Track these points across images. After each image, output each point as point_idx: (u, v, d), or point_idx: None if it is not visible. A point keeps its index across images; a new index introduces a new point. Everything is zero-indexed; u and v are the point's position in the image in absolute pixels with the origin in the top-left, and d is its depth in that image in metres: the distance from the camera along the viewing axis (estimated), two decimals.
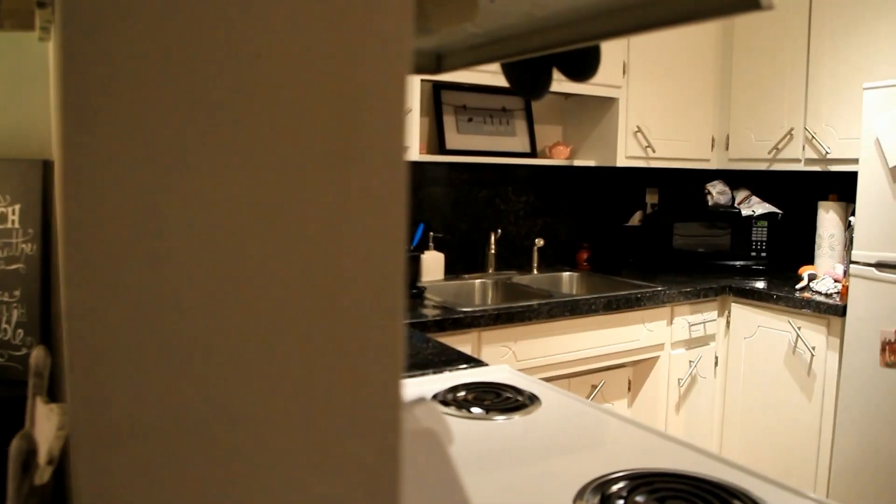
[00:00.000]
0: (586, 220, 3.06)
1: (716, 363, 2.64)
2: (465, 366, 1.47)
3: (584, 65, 1.01)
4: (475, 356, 2.04)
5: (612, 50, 2.59)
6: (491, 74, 2.33)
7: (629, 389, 2.53)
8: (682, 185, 3.30)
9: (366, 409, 0.29)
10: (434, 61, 1.31)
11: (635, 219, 3.08)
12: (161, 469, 0.27)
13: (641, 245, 3.04)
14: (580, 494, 0.89)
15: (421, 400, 0.55)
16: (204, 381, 0.27)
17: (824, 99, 2.57)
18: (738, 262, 2.89)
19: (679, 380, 2.52)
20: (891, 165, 2.02)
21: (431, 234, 2.58)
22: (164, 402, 0.26)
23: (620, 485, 0.91)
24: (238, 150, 0.26)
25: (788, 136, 2.69)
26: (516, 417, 1.20)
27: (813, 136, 2.60)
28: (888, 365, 2.04)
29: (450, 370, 1.45)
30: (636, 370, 2.53)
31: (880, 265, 2.07)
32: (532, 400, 1.27)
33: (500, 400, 1.28)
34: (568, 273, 2.82)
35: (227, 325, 0.27)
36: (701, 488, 0.90)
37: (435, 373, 1.44)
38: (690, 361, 2.54)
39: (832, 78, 2.54)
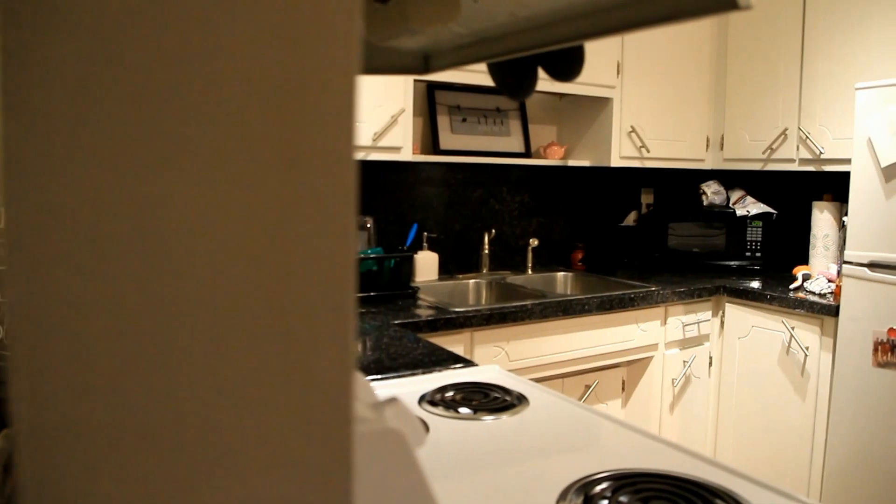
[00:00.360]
0: (581, 220, 3.06)
1: (710, 363, 2.64)
2: (455, 366, 1.47)
3: (567, 65, 1.02)
4: (467, 356, 2.04)
5: (606, 50, 2.60)
6: (484, 74, 2.33)
7: (623, 390, 2.53)
8: (678, 185, 3.30)
9: (315, 408, 0.29)
10: (421, 62, 1.31)
11: (630, 219, 3.08)
12: (105, 469, 0.26)
13: (636, 245, 3.04)
14: (563, 495, 0.89)
15: (392, 400, 0.54)
16: (149, 380, 0.27)
17: (818, 99, 2.57)
18: (733, 262, 2.89)
19: (673, 380, 2.52)
20: (883, 165, 2.02)
21: (425, 234, 2.58)
22: (109, 402, 0.26)
23: (604, 485, 0.91)
24: (179, 148, 0.26)
25: (783, 137, 2.69)
26: (504, 417, 1.20)
27: (807, 136, 2.60)
28: (881, 365, 2.04)
29: (439, 370, 1.45)
30: (630, 370, 2.53)
31: (873, 265, 2.07)
32: (520, 400, 1.26)
33: (489, 400, 1.28)
34: (562, 273, 2.82)
35: (171, 323, 0.27)
36: (685, 488, 0.90)
37: (424, 373, 1.44)
38: (684, 362, 2.54)
39: (826, 78, 2.54)
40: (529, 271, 2.80)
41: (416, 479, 0.46)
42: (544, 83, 2.44)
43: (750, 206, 2.89)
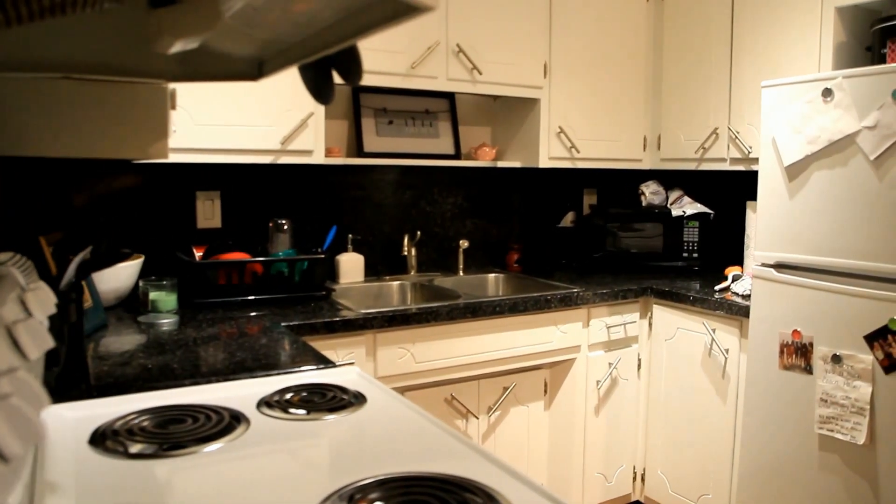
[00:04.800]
0: (519, 221, 3.04)
1: (639, 365, 2.62)
2: (313, 367, 1.48)
3: (348, 67, 1.03)
4: (370, 359, 2.04)
5: (533, 51, 2.59)
6: (409, 77, 2.33)
7: (546, 392, 2.51)
8: (620, 185, 3.28)
9: None
10: (256, 68, 1.33)
11: (567, 220, 3.06)
12: None
13: (576, 246, 3.03)
14: (326, 500, 0.89)
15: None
16: None
17: (746, 97, 2.54)
18: (670, 263, 2.87)
19: (598, 382, 2.50)
20: (786, 164, 1.99)
21: (350, 236, 2.59)
22: None
23: (375, 494, 0.90)
24: None
25: (714, 136, 2.67)
26: (330, 418, 1.20)
27: (736, 136, 2.57)
28: (786, 368, 2.01)
29: (296, 372, 1.46)
30: (553, 372, 2.52)
31: (780, 266, 2.04)
32: (355, 402, 1.27)
33: (325, 401, 1.29)
34: (494, 275, 2.81)
35: None
36: (446, 489, 0.89)
37: (279, 374, 1.45)
38: (609, 363, 2.52)
39: (754, 77, 2.51)
40: (461, 273, 2.79)
41: None
42: (480, 85, 2.51)
43: (686, 207, 2.86)
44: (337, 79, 1.07)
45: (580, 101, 2.73)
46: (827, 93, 1.88)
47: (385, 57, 2.30)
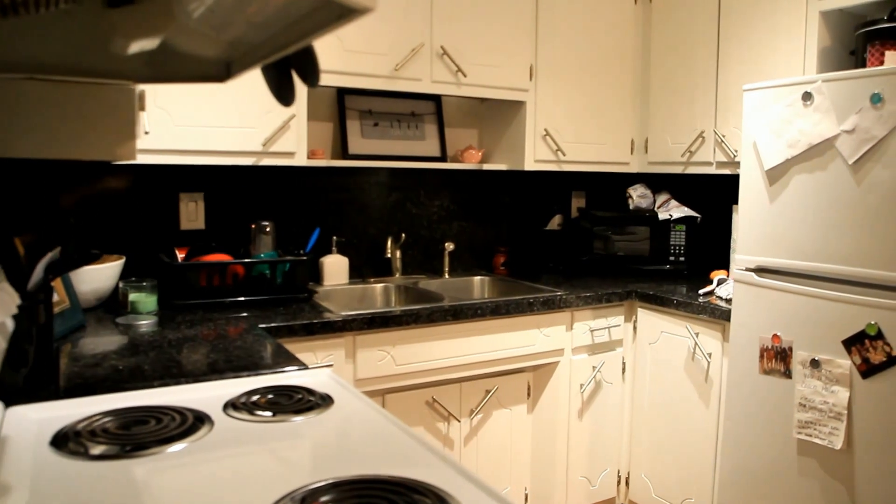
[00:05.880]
0: (506, 224, 3.04)
1: (623, 369, 2.61)
2: (284, 370, 1.47)
3: (306, 69, 1.03)
4: (350, 361, 2.04)
5: (518, 53, 2.59)
6: (394, 80, 2.34)
7: (529, 395, 2.51)
8: (608, 188, 3.28)
9: None
10: (224, 69, 1.33)
11: (554, 223, 3.06)
12: None
13: (564, 249, 3.02)
14: (277, 502, 0.89)
15: None
16: None
17: (732, 101, 2.54)
18: (656, 267, 2.86)
19: (581, 385, 2.49)
20: (766, 168, 1.99)
21: (335, 238, 2.59)
22: None
23: (327, 497, 0.89)
24: None
25: (700, 139, 2.66)
26: (297, 420, 1.20)
27: (722, 140, 2.57)
28: (766, 372, 2.00)
29: (266, 374, 1.45)
30: (536, 375, 2.52)
31: (760, 270, 2.04)
32: (321, 405, 1.26)
33: (291, 403, 1.28)
34: (479, 277, 2.81)
35: None
36: (397, 492, 0.89)
37: (249, 376, 1.44)
38: (593, 367, 2.51)
39: (739, 80, 2.51)
40: (446, 275, 2.79)
41: None
42: (464, 87, 2.53)
43: (673, 210, 2.86)
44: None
45: (566, 104, 2.73)
46: (807, 96, 1.88)
47: (369, 59, 2.30)
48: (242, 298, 2.17)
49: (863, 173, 1.76)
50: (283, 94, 1.07)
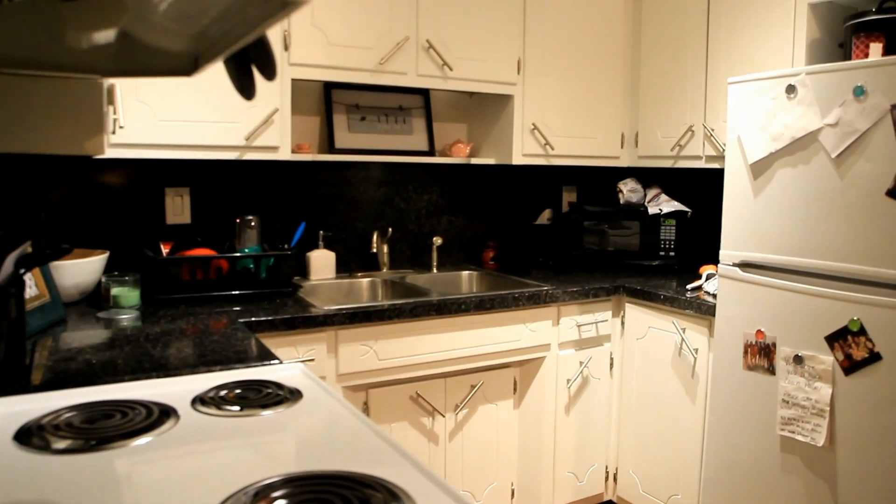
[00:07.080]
0: (496, 218, 3.03)
1: (611, 364, 2.60)
2: (256, 364, 1.47)
3: (263, 62, 1.02)
4: (332, 355, 2.04)
5: (506, 47, 2.57)
6: (379, 74, 2.33)
7: (515, 390, 2.50)
8: (599, 182, 3.26)
9: None
10: (191, 62, 1.32)
11: (544, 217, 3.04)
12: None
13: (554, 244, 3.01)
14: (229, 498, 0.88)
15: None
16: None
17: (721, 94, 2.52)
18: (646, 262, 2.84)
19: (568, 380, 2.49)
20: (750, 162, 1.97)
21: (322, 233, 2.58)
22: None
23: (280, 492, 0.89)
24: None
25: (689, 133, 2.64)
26: (265, 414, 1.20)
27: (711, 133, 2.55)
28: (750, 368, 1.99)
29: (238, 368, 1.45)
30: (523, 371, 2.51)
31: (744, 265, 2.02)
32: (290, 397, 1.26)
33: (259, 397, 1.28)
34: (467, 272, 2.80)
35: None
36: (349, 487, 0.89)
37: (221, 370, 1.44)
38: (580, 362, 2.50)
39: (729, 73, 2.48)
40: (434, 270, 2.78)
41: None
42: (451, 81, 2.53)
43: (663, 205, 2.84)
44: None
45: (555, 98, 2.71)
46: (790, 89, 1.86)
47: (354, 53, 2.29)
48: (226, 293, 2.16)
49: (845, 167, 1.74)
50: (245, 88, 1.07)
